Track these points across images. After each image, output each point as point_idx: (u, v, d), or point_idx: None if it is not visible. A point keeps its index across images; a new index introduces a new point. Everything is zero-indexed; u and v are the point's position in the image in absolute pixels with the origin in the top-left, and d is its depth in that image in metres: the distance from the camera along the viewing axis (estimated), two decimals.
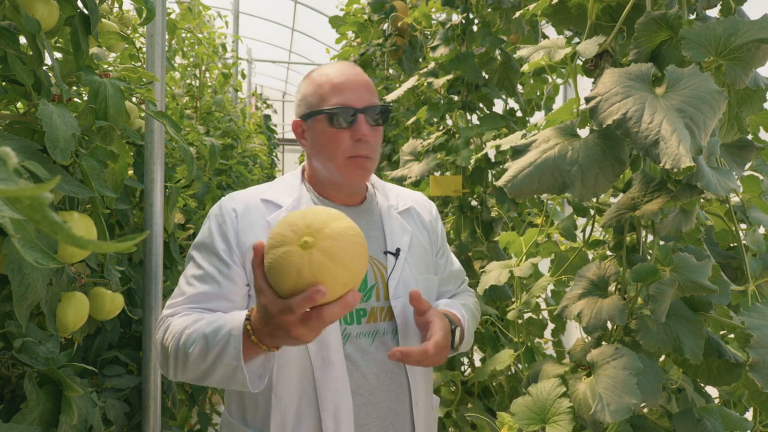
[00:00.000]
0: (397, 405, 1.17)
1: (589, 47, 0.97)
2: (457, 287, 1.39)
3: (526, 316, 1.98)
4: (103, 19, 1.32)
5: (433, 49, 2.24)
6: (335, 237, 0.79)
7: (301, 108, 1.19)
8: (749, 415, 1.06)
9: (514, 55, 2.24)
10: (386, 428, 1.15)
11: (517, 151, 0.96)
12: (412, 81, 2.39)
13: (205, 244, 1.13)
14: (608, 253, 1.11)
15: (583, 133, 0.96)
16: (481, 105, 2.25)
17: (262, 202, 1.17)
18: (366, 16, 3.24)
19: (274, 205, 1.17)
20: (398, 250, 1.21)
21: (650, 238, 1.03)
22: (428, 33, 2.91)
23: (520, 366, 1.46)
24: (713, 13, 1.02)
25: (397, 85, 3.07)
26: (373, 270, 1.18)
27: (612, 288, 1.03)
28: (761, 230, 1.14)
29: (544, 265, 1.49)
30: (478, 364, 2.35)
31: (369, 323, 1.15)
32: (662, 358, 1.09)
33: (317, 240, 0.78)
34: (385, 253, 1.21)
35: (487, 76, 2.23)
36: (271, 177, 6.86)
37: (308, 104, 1.16)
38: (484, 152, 2.07)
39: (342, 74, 1.15)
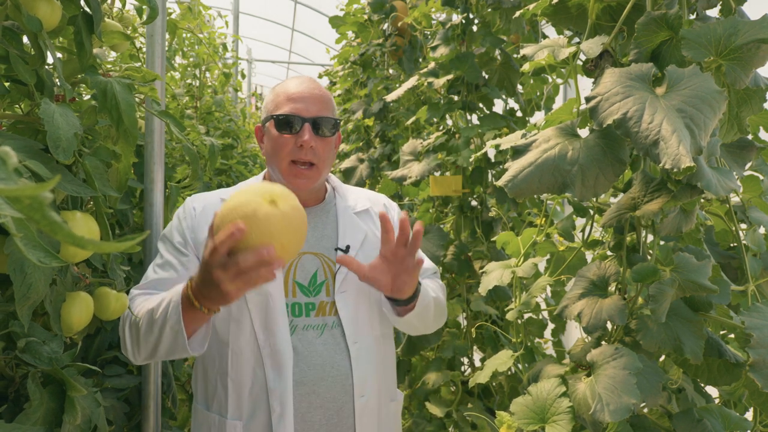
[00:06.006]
0: (342, 396, 1.23)
1: (593, 46, 0.97)
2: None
3: (525, 316, 1.98)
4: (106, 19, 1.31)
5: (433, 49, 2.24)
6: (295, 207, 0.91)
7: (262, 114, 1.32)
8: (749, 415, 1.06)
9: (516, 55, 2.24)
10: (330, 417, 1.22)
11: (518, 151, 0.96)
12: (412, 81, 2.39)
13: (166, 236, 1.29)
14: (608, 253, 1.12)
15: (583, 133, 0.96)
16: (481, 105, 2.25)
17: (220, 202, 1.28)
18: (366, 16, 3.23)
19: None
20: (348, 247, 1.28)
21: (650, 238, 1.03)
22: (428, 33, 2.91)
23: (519, 366, 1.47)
24: (713, 13, 1.02)
25: (397, 85, 3.06)
26: (323, 267, 1.27)
27: (612, 288, 1.03)
28: (761, 230, 1.14)
29: (542, 264, 1.49)
30: (478, 364, 2.36)
31: (318, 317, 1.24)
32: (662, 358, 1.09)
33: (279, 204, 0.90)
34: (336, 249, 1.28)
35: (487, 76, 2.23)
36: None
37: (266, 111, 1.30)
38: (483, 152, 2.07)
39: (298, 87, 1.28)
